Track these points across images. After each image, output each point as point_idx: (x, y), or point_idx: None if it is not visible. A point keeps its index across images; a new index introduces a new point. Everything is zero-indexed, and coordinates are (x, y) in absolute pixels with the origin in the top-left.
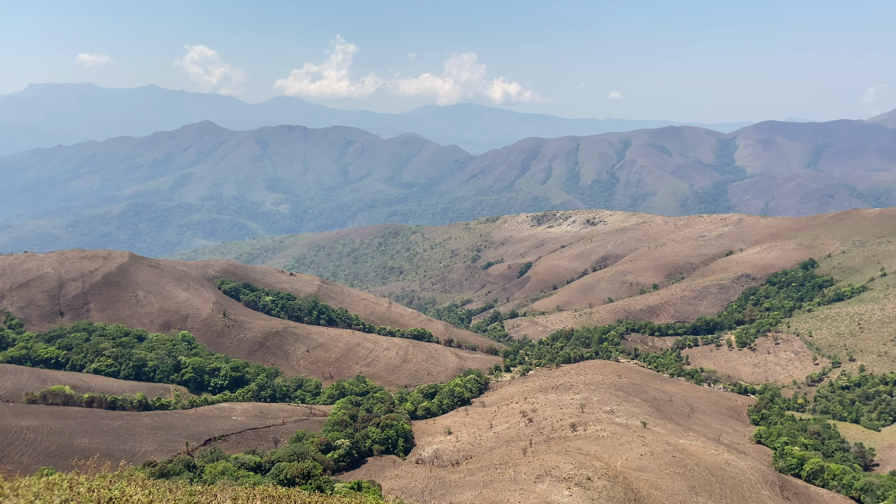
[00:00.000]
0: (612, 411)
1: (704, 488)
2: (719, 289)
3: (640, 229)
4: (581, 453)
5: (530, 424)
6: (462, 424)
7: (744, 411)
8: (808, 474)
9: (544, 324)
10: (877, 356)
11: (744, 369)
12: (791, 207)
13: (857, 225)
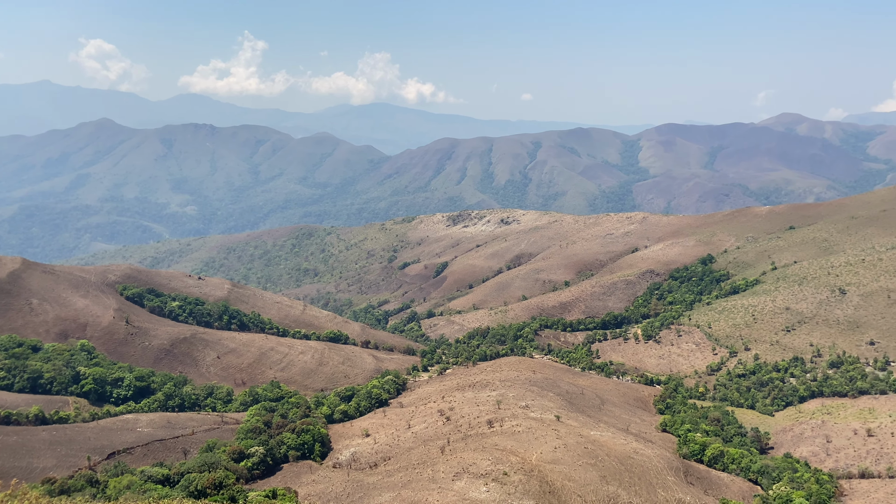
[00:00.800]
0: (527, 406)
1: (615, 477)
2: (626, 284)
3: (552, 228)
4: (498, 449)
5: (448, 423)
6: (380, 426)
7: (650, 401)
8: (710, 459)
9: (461, 322)
10: (769, 345)
11: (650, 361)
12: (691, 206)
13: (749, 222)
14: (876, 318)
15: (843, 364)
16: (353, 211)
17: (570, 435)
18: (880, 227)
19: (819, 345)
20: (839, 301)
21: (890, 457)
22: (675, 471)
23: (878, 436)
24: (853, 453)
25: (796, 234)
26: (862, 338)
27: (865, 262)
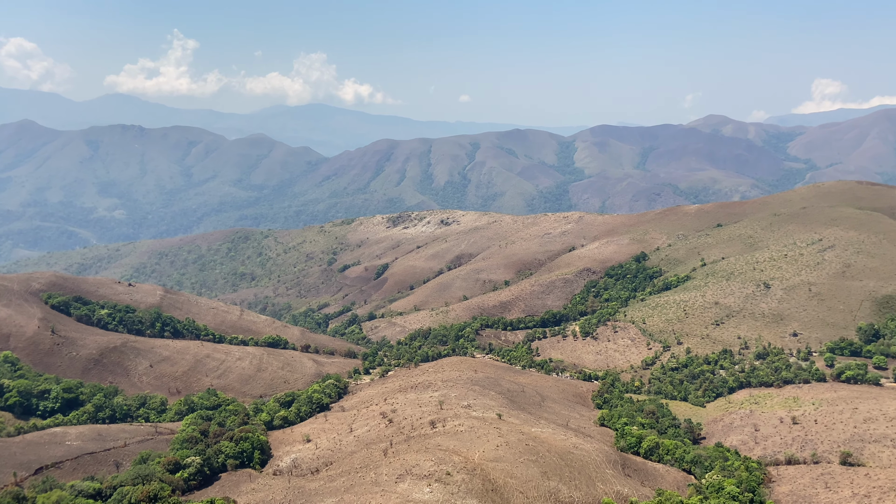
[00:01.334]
0: (469, 406)
1: (555, 472)
2: (564, 283)
3: (492, 228)
4: (440, 449)
5: (391, 425)
6: (321, 431)
7: (588, 397)
8: (646, 451)
9: (402, 324)
10: (700, 339)
11: (587, 357)
12: (624, 205)
13: (680, 220)
14: (798, 310)
15: (769, 355)
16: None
17: (512, 433)
18: (801, 224)
19: (746, 337)
20: (764, 295)
21: (814, 443)
22: (613, 464)
23: (802, 423)
24: (780, 441)
25: (723, 231)
26: (786, 330)
27: (788, 257)
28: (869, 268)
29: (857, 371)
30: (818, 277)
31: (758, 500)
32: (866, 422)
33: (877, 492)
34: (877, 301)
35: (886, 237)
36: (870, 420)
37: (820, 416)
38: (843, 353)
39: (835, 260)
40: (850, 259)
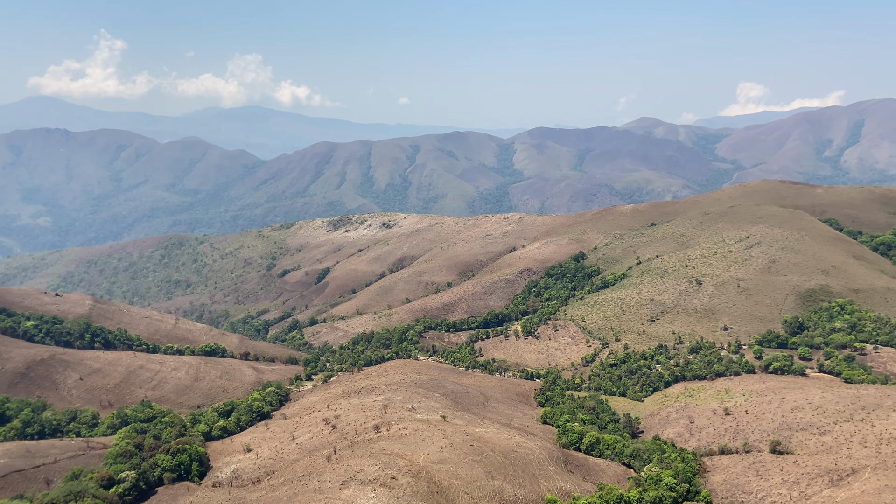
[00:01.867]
0: (413, 409)
1: (500, 471)
2: (506, 283)
3: (434, 230)
4: (385, 453)
5: (334, 431)
6: (262, 440)
7: (531, 395)
8: (587, 447)
9: (345, 328)
10: (637, 335)
11: (530, 356)
12: (563, 206)
13: (616, 220)
14: (728, 305)
15: (702, 349)
16: (228, 218)
17: (457, 434)
18: (729, 222)
19: (680, 332)
20: (696, 291)
21: (745, 433)
22: (555, 460)
23: (734, 414)
24: (713, 432)
25: (657, 230)
26: (717, 324)
27: (717, 254)
28: (793, 263)
29: (784, 362)
30: (746, 273)
31: (694, 491)
32: (793, 411)
33: (805, 478)
34: (800, 295)
35: (808, 234)
36: (797, 409)
37: (750, 407)
38: (771, 346)
39: (761, 256)
40: (776, 255)
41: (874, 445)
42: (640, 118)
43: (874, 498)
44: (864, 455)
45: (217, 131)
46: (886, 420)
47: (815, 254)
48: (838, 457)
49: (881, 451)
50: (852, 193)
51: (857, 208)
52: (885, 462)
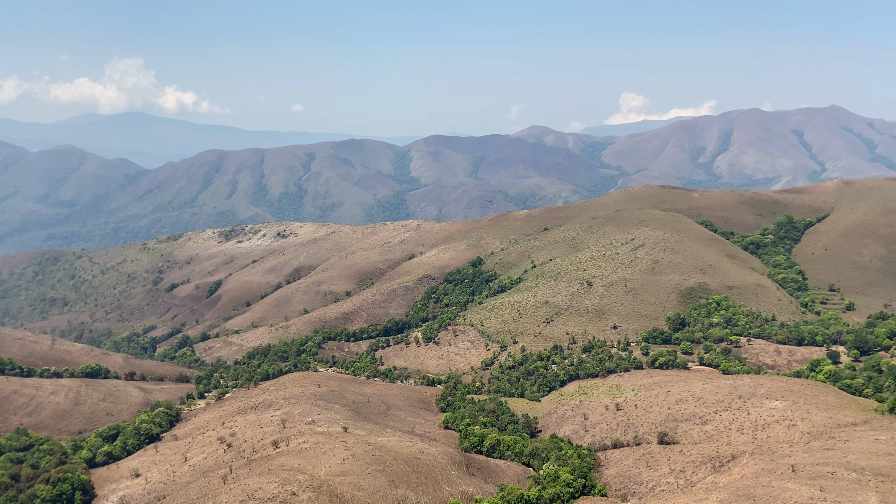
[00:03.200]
0: (313, 422)
1: (403, 480)
2: (405, 290)
3: (331, 239)
4: (285, 469)
5: (230, 450)
6: (152, 463)
7: (433, 401)
8: (488, 449)
9: (239, 343)
10: (533, 337)
11: (430, 362)
12: (460, 212)
13: (511, 225)
14: (617, 305)
15: (594, 348)
16: (109, 231)
17: (359, 444)
18: (615, 226)
19: (574, 332)
20: (587, 292)
21: (635, 426)
22: (458, 465)
23: (624, 409)
24: (606, 427)
25: (550, 234)
26: (607, 323)
27: (606, 256)
28: (674, 263)
29: (669, 357)
30: (632, 274)
31: (590, 485)
32: (678, 403)
33: (690, 466)
34: (681, 293)
35: (686, 235)
36: (681, 401)
37: (639, 401)
38: (656, 342)
39: (645, 257)
40: (658, 256)
41: (750, 432)
42: (532, 126)
43: (752, 481)
44: (742, 441)
45: (95, 139)
46: (761, 407)
47: (694, 254)
48: (719, 444)
49: (757, 437)
50: (724, 197)
51: (729, 210)
52: (761, 447)
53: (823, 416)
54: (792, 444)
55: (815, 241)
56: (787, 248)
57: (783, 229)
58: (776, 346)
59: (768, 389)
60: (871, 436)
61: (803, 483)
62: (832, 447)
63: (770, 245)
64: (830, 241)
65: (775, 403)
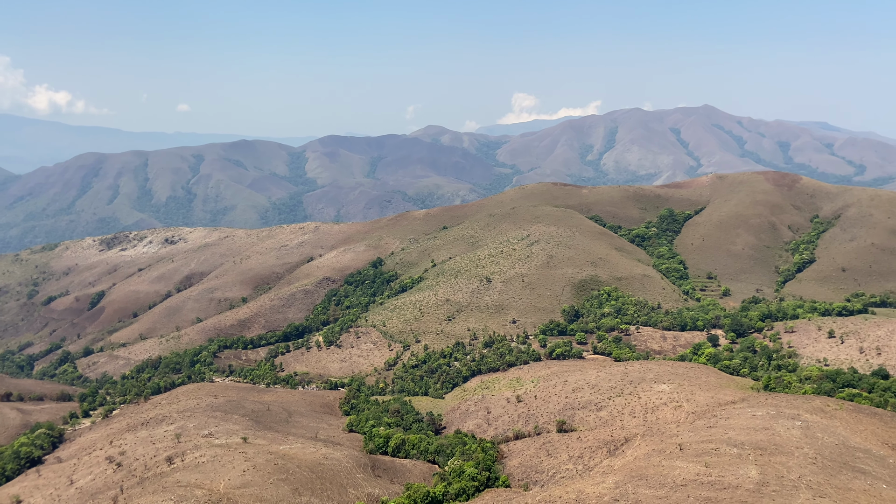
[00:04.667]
0: (210, 434)
1: (307, 487)
2: (305, 294)
3: (224, 244)
4: (181, 486)
5: (120, 469)
6: (34, 488)
7: (336, 405)
8: (394, 449)
9: (127, 356)
10: (436, 335)
11: (333, 366)
12: (358, 213)
13: (410, 225)
14: (515, 300)
15: (495, 343)
16: None
17: (259, 454)
18: (512, 223)
19: (475, 329)
20: (487, 288)
21: (535, 417)
22: (363, 467)
23: (525, 401)
24: (508, 419)
25: (449, 233)
26: (506, 318)
27: (503, 252)
28: (567, 257)
29: (565, 348)
30: (529, 269)
31: (493, 477)
32: (575, 391)
33: (587, 452)
34: (575, 286)
35: (578, 230)
36: (577, 390)
37: (539, 392)
38: (553, 334)
39: (540, 252)
40: (553, 251)
41: (641, 415)
42: (428, 126)
43: (644, 462)
44: (634, 424)
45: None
46: (650, 391)
47: (585, 248)
48: (613, 429)
49: (647, 420)
50: (612, 193)
51: (616, 206)
52: (651, 429)
53: (706, 396)
54: (679, 424)
55: (693, 233)
56: (669, 239)
57: (665, 222)
58: (662, 333)
59: (656, 374)
60: (748, 412)
61: (690, 460)
62: (715, 425)
63: (654, 237)
64: (707, 232)
65: (663, 387)
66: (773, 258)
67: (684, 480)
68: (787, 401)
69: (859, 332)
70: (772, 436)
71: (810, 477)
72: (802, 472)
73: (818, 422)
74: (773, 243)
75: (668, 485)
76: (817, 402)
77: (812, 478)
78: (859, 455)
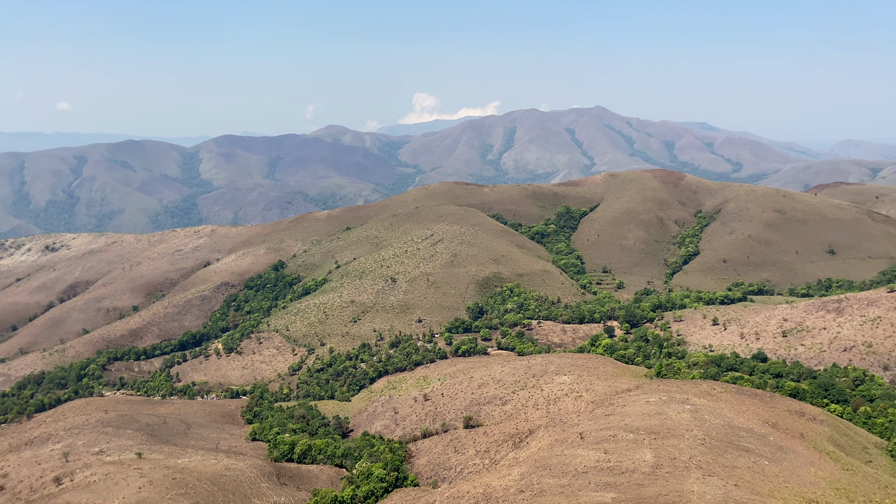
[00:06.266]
0: (101, 451)
1: (208, 500)
2: (202, 300)
3: (112, 250)
4: None
5: (2, 493)
6: None
7: (238, 414)
8: (300, 455)
9: (6, 372)
10: (341, 337)
11: (234, 374)
12: (258, 215)
13: (312, 226)
14: (420, 299)
15: (401, 342)
16: None
17: (156, 470)
18: (416, 222)
19: (381, 329)
20: (392, 289)
21: (443, 414)
22: (268, 476)
23: (432, 399)
24: (416, 418)
25: (353, 233)
26: (412, 317)
27: (408, 252)
28: (470, 255)
29: (470, 345)
30: (433, 268)
31: (402, 477)
32: (480, 387)
33: (493, 445)
34: (478, 283)
35: (481, 228)
36: (483, 385)
37: (445, 390)
38: (459, 331)
39: (444, 251)
40: (456, 249)
41: (544, 407)
42: (329, 125)
43: (548, 452)
44: (538, 416)
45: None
46: (552, 383)
47: (488, 245)
48: (518, 422)
49: (550, 411)
50: (512, 191)
51: (516, 204)
52: (554, 420)
53: (604, 386)
54: (579, 413)
55: (589, 229)
56: (567, 236)
57: (563, 219)
58: (562, 326)
59: (557, 366)
60: (643, 399)
61: (590, 448)
62: (612, 412)
63: (552, 234)
64: (602, 228)
65: (564, 378)
66: (662, 251)
67: (585, 468)
68: (677, 386)
69: (740, 318)
70: (664, 420)
71: (700, 457)
72: (693, 452)
73: (705, 405)
74: (661, 237)
75: (571, 473)
76: (704, 387)
77: (701, 458)
78: (743, 434)
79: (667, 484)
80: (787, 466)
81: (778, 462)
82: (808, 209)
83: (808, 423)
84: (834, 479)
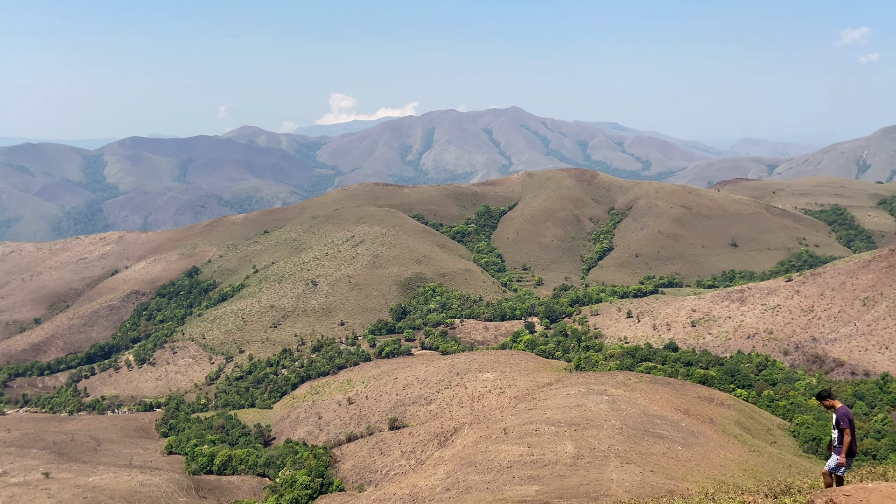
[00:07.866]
0: (4, 473)
1: None
2: (110, 310)
3: (10, 260)
4: None
5: None
6: None
7: (152, 427)
8: (220, 467)
9: None
10: (261, 343)
11: (147, 385)
12: (169, 220)
13: (228, 230)
14: (342, 301)
15: (323, 346)
16: None
17: (65, 490)
18: (336, 224)
19: (302, 334)
20: (313, 292)
21: (367, 417)
22: (186, 490)
23: (356, 402)
24: (340, 423)
25: (271, 237)
26: (334, 320)
27: (329, 255)
28: (392, 256)
29: (394, 346)
30: (355, 270)
31: (327, 482)
32: (405, 388)
33: (419, 445)
34: (401, 284)
35: (402, 229)
36: (407, 386)
37: (370, 392)
38: (382, 333)
39: (366, 253)
40: (378, 250)
41: (469, 404)
42: (242, 127)
43: (473, 449)
44: (462, 414)
45: None
46: (476, 381)
47: (409, 246)
48: (443, 420)
49: (474, 409)
50: (432, 192)
51: (437, 204)
52: (478, 417)
53: (526, 381)
54: (503, 409)
55: (508, 227)
56: (487, 234)
57: (482, 218)
58: (485, 324)
59: (480, 363)
60: (563, 392)
61: (514, 443)
62: (534, 407)
63: (473, 233)
64: (520, 227)
65: (487, 375)
66: (579, 248)
67: (510, 462)
68: (595, 378)
69: (652, 311)
70: (584, 412)
71: (618, 446)
72: (611, 442)
73: (622, 395)
74: (577, 234)
75: (496, 468)
76: (620, 377)
77: (619, 447)
78: (657, 422)
79: (587, 474)
80: (699, 451)
81: (690, 447)
82: (711, 204)
83: (716, 409)
84: (742, 461)
